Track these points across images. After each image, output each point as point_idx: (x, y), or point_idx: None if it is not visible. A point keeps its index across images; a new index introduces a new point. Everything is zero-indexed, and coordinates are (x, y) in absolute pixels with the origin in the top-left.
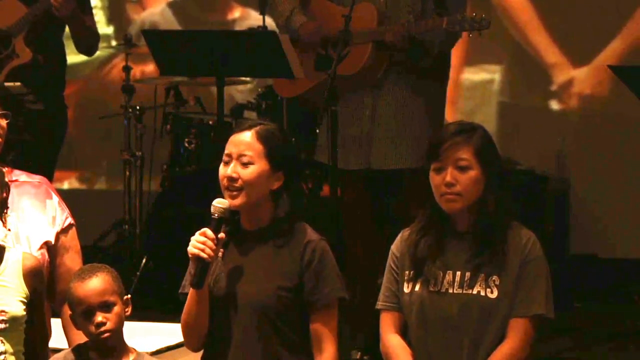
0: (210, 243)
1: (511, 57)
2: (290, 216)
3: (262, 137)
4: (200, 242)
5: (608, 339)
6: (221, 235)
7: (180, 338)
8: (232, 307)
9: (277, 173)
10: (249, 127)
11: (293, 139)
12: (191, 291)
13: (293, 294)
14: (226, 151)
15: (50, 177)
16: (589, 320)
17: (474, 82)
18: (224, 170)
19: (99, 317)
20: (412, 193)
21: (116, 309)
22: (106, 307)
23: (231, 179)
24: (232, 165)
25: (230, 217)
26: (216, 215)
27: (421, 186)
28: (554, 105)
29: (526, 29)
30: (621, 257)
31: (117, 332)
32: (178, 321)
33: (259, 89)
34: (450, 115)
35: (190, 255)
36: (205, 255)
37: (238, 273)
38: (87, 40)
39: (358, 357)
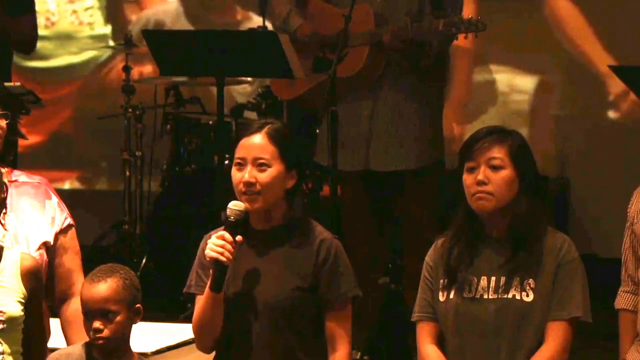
0: (229, 246)
1: (516, 60)
2: (306, 216)
3: (274, 138)
4: (218, 246)
5: (608, 339)
6: (239, 238)
7: (180, 338)
8: (248, 308)
9: (291, 172)
10: (259, 129)
11: None
12: (207, 294)
13: (309, 293)
14: (238, 155)
15: None
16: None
17: (477, 83)
18: (239, 175)
19: (97, 324)
20: (412, 194)
21: (118, 318)
22: (106, 315)
23: (249, 184)
24: (248, 169)
25: (245, 218)
26: (232, 218)
27: (421, 187)
28: (557, 106)
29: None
30: (621, 257)
31: (115, 340)
32: (178, 321)
33: (259, 89)
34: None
35: (208, 259)
36: (224, 259)
37: (253, 274)
38: (17, 38)
39: (358, 357)
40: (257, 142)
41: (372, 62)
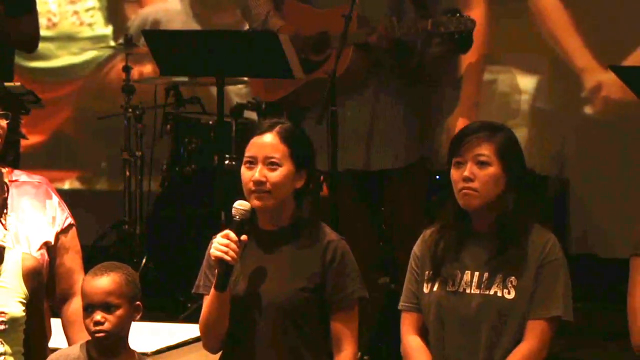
0: (233, 246)
1: (516, 58)
2: (313, 217)
3: (285, 138)
4: (223, 245)
5: (608, 339)
6: (244, 237)
7: (180, 338)
8: (254, 308)
9: (300, 172)
10: (270, 128)
11: None
12: (212, 293)
13: (315, 294)
14: (249, 154)
15: None
16: (589, 320)
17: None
18: (249, 174)
19: (98, 316)
20: (402, 191)
21: (119, 312)
22: (107, 307)
23: (259, 183)
24: (258, 168)
25: (250, 218)
26: (238, 217)
27: (409, 183)
28: (555, 106)
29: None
30: (621, 257)
31: (115, 334)
32: (178, 321)
33: None
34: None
35: (213, 258)
36: (228, 258)
37: (259, 273)
38: (18, 37)
39: (358, 357)
40: (268, 141)
41: (357, 63)
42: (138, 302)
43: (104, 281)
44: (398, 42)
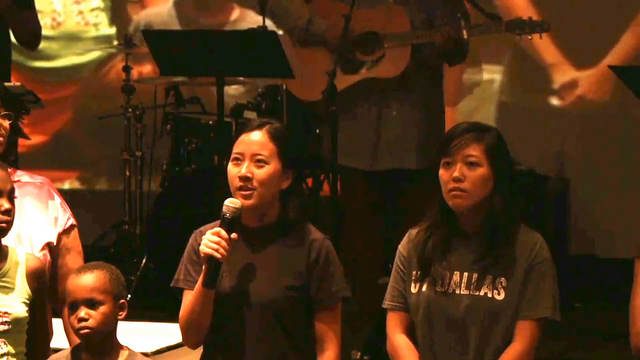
0: (224, 243)
1: (512, 57)
2: (300, 216)
3: (274, 137)
4: (213, 242)
5: (608, 339)
6: (234, 235)
7: (180, 338)
8: (240, 305)
9: (287, 172)
10: (259, 127)
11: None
12: (198, 290)
13: (301, 293)
14: (237, 150)
15: None
16: (589, 320)
17: (475, 82)
18: (236, 170)
19: (82, 313)
20: (417, 193)
21: (103, 309)
22: (91, 304)
23: (245, 179)
24: (245, 165)
25: (240, 216)
26: (228, 215)
27: (425, 186)
28: (555, 105)
29: None
30: (621, 257)
31: (100, 332)
32: (178, 321)
33: (259, 89)
34: (449, 116)
35: (202, 255)
36: (218, 255)
37: (245, 271)
38: (23, 34)
39: (358, 357)
40: (256, 139)
41: (413, 63)
42: (123, 300)
43: (87, 278)
44: (458, 42)
